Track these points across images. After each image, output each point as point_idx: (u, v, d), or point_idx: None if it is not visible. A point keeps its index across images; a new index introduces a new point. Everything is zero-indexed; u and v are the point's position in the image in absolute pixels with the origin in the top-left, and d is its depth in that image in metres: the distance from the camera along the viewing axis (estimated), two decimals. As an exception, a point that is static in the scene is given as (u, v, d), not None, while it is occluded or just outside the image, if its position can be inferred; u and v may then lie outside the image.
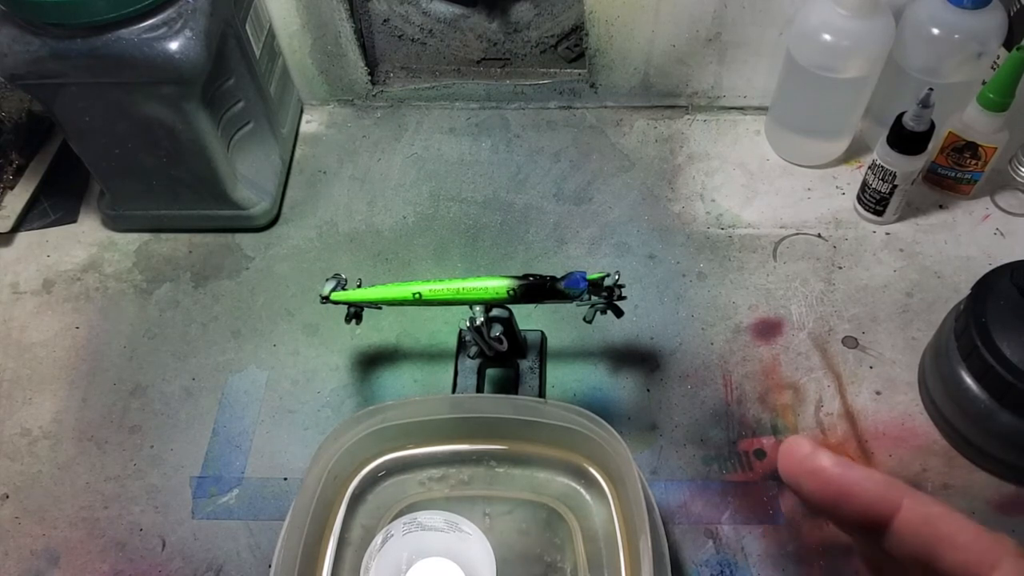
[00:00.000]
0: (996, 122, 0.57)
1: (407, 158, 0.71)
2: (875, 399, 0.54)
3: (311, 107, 0.75)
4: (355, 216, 0.67)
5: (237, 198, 0.64)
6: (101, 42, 0.51)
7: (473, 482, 0.49)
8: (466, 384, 0.54)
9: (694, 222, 0.65)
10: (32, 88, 0.54)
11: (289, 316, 0.61)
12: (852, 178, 0.67)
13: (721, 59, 0.68)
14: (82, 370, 0.59)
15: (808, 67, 0.60)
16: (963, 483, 0.50)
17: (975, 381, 0.48)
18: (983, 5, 0.55)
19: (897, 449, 0.52)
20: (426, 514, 0.47)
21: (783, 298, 0.60)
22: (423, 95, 0.74)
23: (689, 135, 0.71)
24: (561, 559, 0.46)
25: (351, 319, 0.51)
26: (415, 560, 0.46)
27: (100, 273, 0.64)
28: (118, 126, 0.57)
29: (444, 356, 0.58)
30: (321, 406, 0.56)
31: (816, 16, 0.58)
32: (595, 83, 0.72)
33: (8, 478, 0.54)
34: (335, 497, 0.48)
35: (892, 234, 0.63)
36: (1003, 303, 0.47)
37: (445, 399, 0.51)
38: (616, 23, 0.66)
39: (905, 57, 0.60)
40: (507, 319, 0.50)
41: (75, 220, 0.68)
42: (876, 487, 0.25)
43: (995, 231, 0.63)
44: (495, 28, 0.72)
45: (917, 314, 0.58)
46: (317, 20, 0.68)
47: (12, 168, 0.68)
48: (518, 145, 0.71)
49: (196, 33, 0.52)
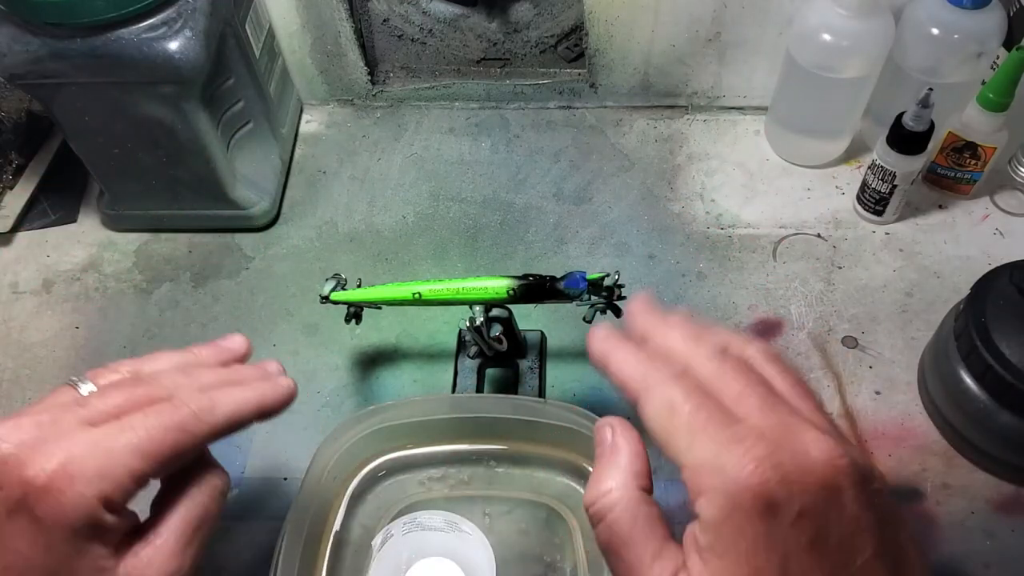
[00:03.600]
0: (996, 122, 0.57)
1: (407, 158, 0.71)
2: (875, 399, 0.54)
3: (311, 107, 0.75)
4: (355, 216, 0.67)
5: (237, 198, 0.63)
6: (101, 42, 0.51)
7: (473, 482, 0.49)
8: (466, 384, 0.54)
9: (694, 222, 0.65)
10: (32, 88, 0.54)
11: (289, 316, 0.61)
12: (852, 178, 0.67)
13: (721, 59, 0.68)
14: (81, 370, 0.58)
15: (808, 67, 0.60)
16: (963, 483, 0.50)
17: (974, 381, 0.48)
18: (983, 5, 0.55)
19: (897, 449, 0.52)
20: (426, 514, 0.47)
21: (783, 298, 0.60)
22: (423, 95, 0.74)
23: (689, 135, 0.71)
24: (561, 559, 0.46)
25: (351, 319, 0.51)
26: (415, 560, 0.46)
27: (100, 273, 0.64)
28: (117, 126, 0.57)
29: (444, 356, 0.58)
30: (321, 406, 0.56)
31: (816, 16, 0.58)
32: (595, 83, 0.72)
33: (8, 478, 0.54)
34: (335, 497, 0.48)
35: (892, 234, 0.63)
36: (1002, 303, 0.47)
37: (445, 399, 0.51)
38: (616, 23, 0.66)
39: (905, 57, 0.60)
40: (507, 319, 0.50)
41: (75, 220, 0.68)
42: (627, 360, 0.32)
43: (994, 231, 0.63)
44: (495, 28, 0.72)
45: (916, 314, 0.58)
46: (317, 20, 0.68)
47: (12, 168, 0.68)
48: (518, 145, 0.71)
49: (196, 33, 0.52)
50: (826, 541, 0.26)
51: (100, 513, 0.30)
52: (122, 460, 0.31)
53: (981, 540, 0.48)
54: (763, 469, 0.26)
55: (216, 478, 0.36)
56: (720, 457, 0.27)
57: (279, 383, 0.38)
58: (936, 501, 0.50)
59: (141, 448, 0.31)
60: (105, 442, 0.31)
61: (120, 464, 0.31)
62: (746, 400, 0.29)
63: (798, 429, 0.28)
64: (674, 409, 0.29)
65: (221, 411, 0.35)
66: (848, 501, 0.26)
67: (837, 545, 0.26)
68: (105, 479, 0.30)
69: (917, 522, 0.49)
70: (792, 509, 0.26)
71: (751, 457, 0.26)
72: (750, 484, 0.26)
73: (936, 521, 0.49)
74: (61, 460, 0.30)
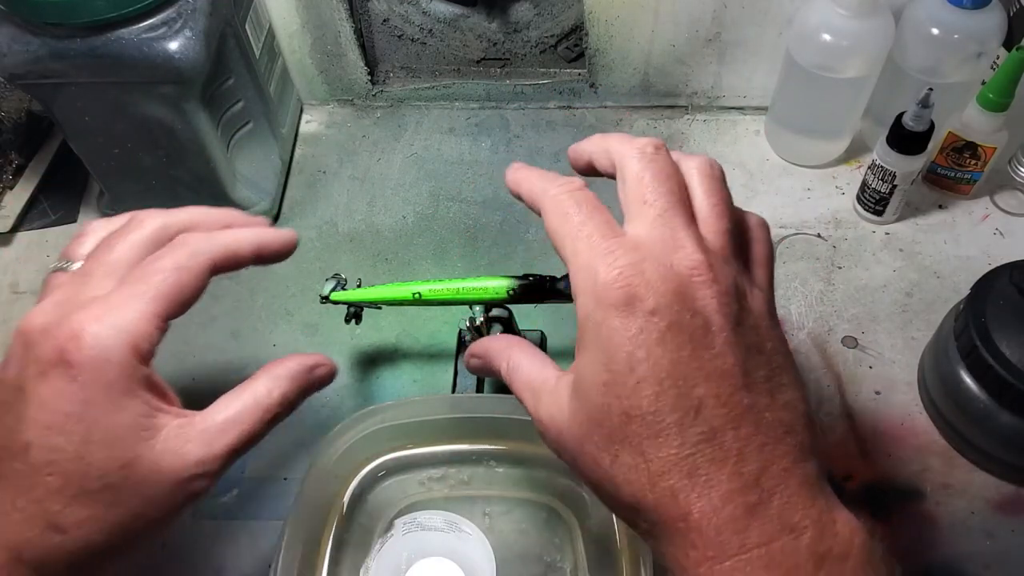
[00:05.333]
0: (996, 122, 0.57)
1: (407, 158, 0.71)
2: (875, 399, 0.54)
3: (311, 107, 0.75)
4: (355, 216, 0.67)
5: (236, 198, 0.63)
6: (101, 42, 0.51)
7: (473, 482, 0.49)
8: (466, 384, 0.54)
9: (694, 222, 0.65)
10: (32, 88, 0.54)
11: (289, 316, 0.61)
12: (852, 178, 0.67)
13: (721, 59, 0.68)
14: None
15: (808, 67, 0.60)
16: (963, 483, 0.50)
17: (974, 381, 0.48)
18: (983, 5, 0.55)
19: (897, 449, 0.52)
20: (426, 514, 0.47)
21: (783, 298, 0.60)
22: (423, 95, 0.74)
23: (689, 135, 0.71)
24: (561, 559, 0.46)
25: (351, 319, 0.51)
26: (415, 560, 0.46)
27: (100, 273, 0.64)
28: (117, 126, 0.57)
29: (444, 356, 0.58)
30: (321, 406, 0.56)
31: (816, 16, 0.58)
32: (595, 83, 0.72)
33: (8, 478, 0.54)
34: (335, 497, 0.48)
35: (892, 234, 0.63)
36: (1002, 303, 0.47)
37: (445, 399, 0.51)
38: (616, 23, 0.66)
39: (905, 57, 0.60)
40: (507, 319, 0.50)
41: (75, 220, 0.68)
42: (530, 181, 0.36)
43: (995, 231, 0.63)
44: (495, 28, 0.72)
45: (916, 314, 0.58)
46: (317, 20, 0.68)
47: (12, 168, 0.68)
48: (518, 145, 0.71)
49: (196, 33, 0.52)
50: (676, 336, 0.29)
51: (133, 364, 0.32)
52: (139, 308, 0.32)
53: (981, 540, 0.48)
54: (626, 275, 0.30)
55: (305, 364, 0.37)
56: (593, 263, 0.30)
57: (280, 230, 0.39)
58: (936, 501, 0.50)
59: (150, 295, 0.33)
60: (120, 299, 0.33)
61: (138, 312, 0.32)
62: (647, 208, 0.32)
63: (677, 245, 0.31)
64: (567, 217, 0.33)
65: (217, 245, 0.36)
66: (700, 307, 0.30)
67: (688, 339, 0.29)
68: (128, 329, 0.32)
69: (917, 522, 0.49)
70: (645, 307, 0.29)
71: (617, 265, 0.30)
72: (612, 286, 0.30)
73: (936, 521, 0.49)
74: (87, 321, 0.31)
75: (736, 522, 0.28)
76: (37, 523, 0.31)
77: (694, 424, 0.29)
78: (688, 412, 0.29)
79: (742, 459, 0.28)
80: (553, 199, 0.34)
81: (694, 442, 0.28)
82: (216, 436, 0.33)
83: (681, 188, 0.33)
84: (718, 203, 0.33)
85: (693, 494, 0.28)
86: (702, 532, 0.28)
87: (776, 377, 0.31)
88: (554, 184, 0.34)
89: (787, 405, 0.30)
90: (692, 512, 0.28)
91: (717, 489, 0.28)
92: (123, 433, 0.31)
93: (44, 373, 0.31)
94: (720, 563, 0.28)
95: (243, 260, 0.37)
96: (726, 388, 0.29)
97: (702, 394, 0.29)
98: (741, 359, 0.30)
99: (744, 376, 0.29)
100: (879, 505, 0.50)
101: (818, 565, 0.28)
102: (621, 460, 0.29)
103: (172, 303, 0.33)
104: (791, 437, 0.30)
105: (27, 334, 0.32)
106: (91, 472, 0.31)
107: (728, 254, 0.32)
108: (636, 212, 0.32)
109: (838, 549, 0.28)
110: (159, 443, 0.32)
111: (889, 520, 0.49)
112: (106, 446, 0.31)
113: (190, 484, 0.32)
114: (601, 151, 0.36)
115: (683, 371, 0.29)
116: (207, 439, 0.33)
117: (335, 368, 0.38)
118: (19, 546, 0.31)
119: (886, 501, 0.50)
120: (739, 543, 0.28)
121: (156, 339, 0.33)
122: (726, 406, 0.29)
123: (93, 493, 0.31)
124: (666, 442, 0.29)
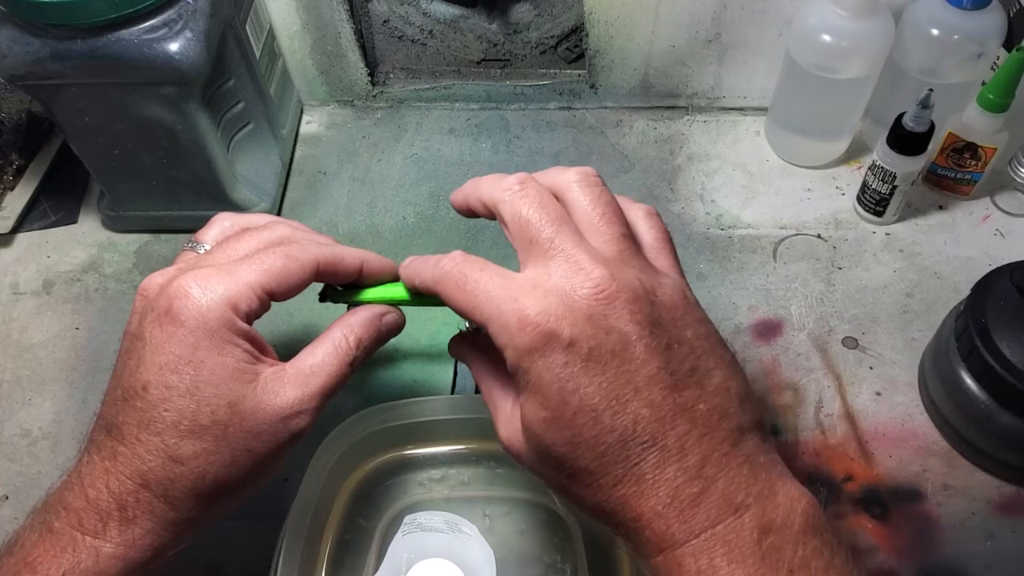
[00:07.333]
0: (996, 123, 0.57)
1: (407, 159, 0.71)
2: (875, 399, 0.54)
3: (311, 108, 0.76)
4: (355, 217, 0.67)
5: (237, 199, 0.64)
6: (101, 43, 0.51)
7: (473, 483, 0.49)
8: (466, 384, 0.54)
9: (694, 223, 0.65)
10: (32, 89, 0.54)
11: (289, 316, 0.61)
12: (852, 179, 0.67)
13: (721, 60, 0.68)
14: (82, 371, 0.59)
15: (807, 68, 0.60)
16: (963, 483, 0.50)
17: (975, 381, 0.48)
18: (983, 6, 0.56)
19: (897, 450, 0.52)
20: (426, 515, 0.47)
21: (783, 299, 0.60)
22: (423, 96, 0.74)
23: (689, 136, 0.71)
24: (561, 559, 0.46)
25: (351, 319, 0.50)
26: (415, 561, 0.46)
27: (100, 274, 0.64)
28: (118, 127, 0.57)
29: (444, 356, 0.58)
30: (321, 407, 0.56)
31: (815, 17, 0.58)
32: (595, 84, 0.72)
33: (8, 479, 0.54)
34: (335, 497, 0.48)
35: (892, 235, 0.63)
36: (1003, 304, 0.47)
37: (445, 400, 0.51)
38: (616, 24, 0.66)
39: (905, 58, 0.60)
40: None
41: (75, 221, 0.68)
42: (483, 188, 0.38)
43: (995, 231, 0.63)
44: (495, 29, 0.73)
45: (917, 315, 0.58)
46: (317, 21, 0.68)
47: (12, 169, 0.69)
48: (518, 146, 0.71)
49: (196, 34, 0.52)
50: (598, 359, 0.30)
51: (231, 316, 0.35)
52: (243, 276, 0.36)
53: (982, 540, 0.48)
54: (534, 317, 0.31)
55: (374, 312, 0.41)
56: (503, 317, 0.31)
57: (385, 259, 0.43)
58: (937, 502, 0.50)
59: (256, 269, 0.37)
60: (228, 268, 0.37)
61: (241, 279, 0.36)
62: (535, 246, 0.33)
63: (575, 270, 0.32)
64: (461, 286, 0.34)
65: (327, 250, 0.40)
66: (614, 324, 0.31)
67: (611, 358, 0.30)
68: (231, 290, 0.36)
69: (918, 523, 0.49)
70: (563, 341, 0.30)
71: (524, 310, 0.31)
72: (525, 331, 0.31)
73: (937, 522, 0.49)
74: (195, 279, 0.35)
75: (683, 513, 0.30)
76: (159, 455, 0.35)
77: (634, 437, 0.30)
78: (626, 428, 0.30)
79: (683, 455, 0.30)
80: (444, 274, 0.35)
81: (638, 452, 0.30)
82: (307, 379, 0.37)
83: (559, 210, 0.34)
84: (605, 210, 0.34)
85: (642, 498, 0.31)
86: (654, 528, 0.30)
87: (702, 364, 0.32)
88: (440, 260, 0.35)
89: (718, 390, 0.32)
90: (644, 513, 0.31)
91: (665, 487, 0.30)
92: (228, 375, 0.35)
93: (158, 320, 0.35)
94: (673, 551, 0.30)
95: (347, 268, 0.40)
96: (657, 394, 0.31)
97: (636, 407, 0.30)
98: (664, 360, 0.31)
99: (671, 376, 0.31)
100: (879, 505, 0.50)
101: (763, 537, 0.30)
102: (576, 480, 0.32)
103: (274, 280, 0.37)
104: (726, 422, 0.31)
105: (146, 290, 0.37)
106: (202, 408, 0.34)
107: (627, 256, 0.33)
108: (526, 252, 0.33)
109: (780, 520, 0.30)
110: (259, 385, 0.36)
111: (889, 520, 0.49)
112: (213, 385, 0.35)
113: (291, 421, 0.36)
114: (475, 199, 0.38)
115: (613, 391, 0.30)
116: (300, 382, 0.37)
117: (403, 317, 0.42)
118: (144, 475, 0.35)
119: (886, 501, 0.50)
120: (687, 531, 0.30)
121: (255, 304, 0.36)
122: (660, 410, 0.31)
123: (205, 428, 0.35)
124: (612, 460, 0.31)
